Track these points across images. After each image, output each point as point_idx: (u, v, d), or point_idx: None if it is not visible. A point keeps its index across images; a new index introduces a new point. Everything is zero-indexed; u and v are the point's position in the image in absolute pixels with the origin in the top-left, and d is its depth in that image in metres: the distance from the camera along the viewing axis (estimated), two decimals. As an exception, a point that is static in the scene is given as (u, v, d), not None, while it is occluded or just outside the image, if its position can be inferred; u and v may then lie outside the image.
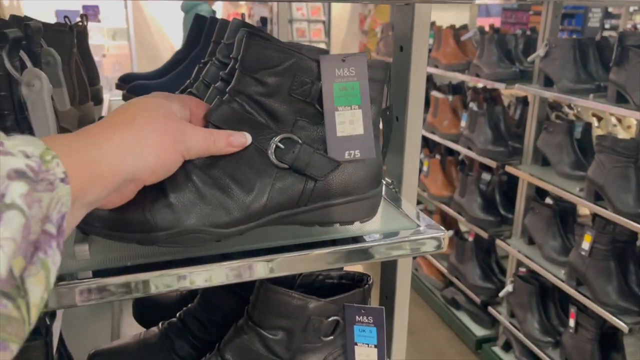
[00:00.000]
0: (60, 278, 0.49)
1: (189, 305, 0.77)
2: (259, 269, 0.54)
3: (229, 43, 0.73)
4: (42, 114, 0.54)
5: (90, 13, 4.31)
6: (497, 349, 2.35)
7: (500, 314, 2.30)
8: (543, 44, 2.01)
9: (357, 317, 0.65)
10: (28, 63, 0.54)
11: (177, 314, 0.77)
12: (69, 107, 0.75)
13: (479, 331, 2.49)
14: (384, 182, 0.75)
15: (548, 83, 2.03)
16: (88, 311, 0.94)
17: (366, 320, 0.65)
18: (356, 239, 0.59)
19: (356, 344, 0.67)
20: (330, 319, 0.65)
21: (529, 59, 2.11)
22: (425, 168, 2.81)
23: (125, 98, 1.10)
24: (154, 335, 0.75)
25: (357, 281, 0.70)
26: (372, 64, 0.55)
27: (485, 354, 2.39)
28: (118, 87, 1.19)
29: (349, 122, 0.55)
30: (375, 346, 0.66)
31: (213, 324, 0.74)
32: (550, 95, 1.97)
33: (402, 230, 0.61)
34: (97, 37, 4.18)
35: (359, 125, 0.56)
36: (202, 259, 0.53)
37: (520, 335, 2.15)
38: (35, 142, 0.35)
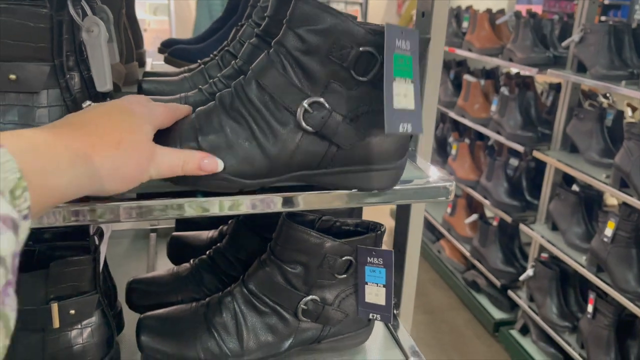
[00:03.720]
0: (108, 197, 0.56)
1: (218, 244, 0.85)
2: (279, 202, 0.58)
3: (264, 5, 0.79)
4: (99, 58, 0.61)
5: (135, -12, 4.42)
6: (514, 332, 2.38)
7: (520, 298, 2.33)
8: (578, 29, 2.00)
9: (368, 258, 0.72)
10: (88, 12, 0.61)
11: (207, 252, 0.84)
12: (118, 60, 0.82)
13: (498, 314, 2.52)
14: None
15: (581, 69, 2.03)
16: (126, 250, 1.03)
17: (376, 262, 0.72)
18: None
19: (366, 283, 0.73)
20: (343, 259, 0.71)
21: (564, 44, 2.10)
22: (453, 152, 2.83)
23: (167, 61, 1.17)
24: (186, 269, 0.83)
25: (371, 229, 0.76)
26: None
27: (502, 337, 2.42)
28: (160, 51, 1.27)
29: (403, 95, 0.55)
30: (384, 286, 0.72)
31: (239, 262, 0.81)
32: (581, 80, 1.97)
33: (416, 178, 0.67)
34: (139, 11, 4.30)
35: (411, 99, 0.55)
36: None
37: (538, 319, 2.18)
38: (10, 168, 0.33)
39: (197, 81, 0.79)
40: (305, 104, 0.55)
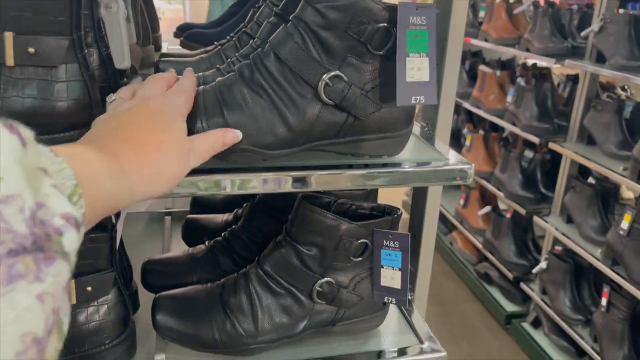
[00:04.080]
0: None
1: (233, 227, 0.85)
2: (290, 182, 0.59)
3: (282, -14, 0.78)
4: (118, 34, 0.61)
5: (149, -23, 4.44)
6: (526, 325, 2.36)
7: (532, 290, 2.31)
8: (598, 18, 1.97)
9: (384, 241, 0.71)
10: (107, -12, 0.61)
11: (222, 234, 0.84)
12: (135, 41, 0.82)
13: (510, 307, 2.51)
14: (420, 125, 0.80)
15: (600, 60, 2.00)
16: (141, 233, 1.04)
17: (392, 245, 0.71)
18: (389, 166, 0.64)
19: (382, 267, 0.73)
20: (359, 241, 0.71)
21: (583, 34, 2.07)
22: (467, 143, 2.81)
23: (183, 45, 1.17)
24: (201, 250, 0.83)
25: (387, 213, 0.75)
26: None
27: (514, 329, 2.41)
28: (176, 35, 1.26)
29: (417, 68, 0.59)
30: (400, 269, 0.72)
31: (254, 244, 0.81)
32: (600, 71, 1.94)
33: (434, 161, 0.66)
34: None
35: (426, 72, 0.59)
36: (240, 169, 0.59)
37: (550, 312, 2.16)
38: (67, 175, 0.33)
39: (214, 61, 0.79)
40: (326, 78, 0.57)
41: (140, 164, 0.44)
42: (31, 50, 0.50)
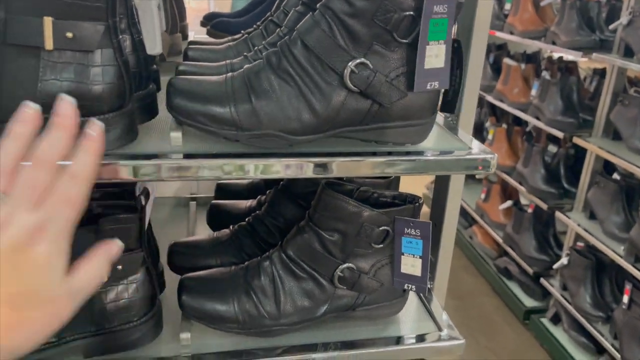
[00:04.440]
0: (153, 155, 0.58)
1: (257, 212, 0.86)
2: (312, 168, 0.60)
3: (309, -25, 0.79)
4: (150, 21, 0.63)
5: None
6: (545, 321, 2.35)
7: (552, 286, 2.29)
8: (627, 11, 1.93)
9: (405, 229, 0.72)
10: (140, -24, 0.63)
11: (246, 219, 0.86)
12: (165, 28, 0.84)
13: (529, 302, 2.49)
14: (444, 115, 0.80)
15: (628, 54, 1.96)
16: (167, 217, 1.06)
17: (414, 233, 0.72)
18: (411, 154, 0.65)
19: (403, 254, 0.73)
20: (381, 228, 0.72)
21: (611, 27, 2.03)
22: (490, 136, 2.79)
23: (210, 34, 1.19)
24: (225, 234, 0.85)
25: (409, 201, 0.76)
26: None
27: (533, 325, 2.40)
28: (202, 24, 1.28)
29: (435, 55, 0.60)
30: (420, 257, 0.73)
31: (277, 229, 0.83)
32: (628, 65, 1.90)
33: (457, 150, 0.67)
34: (179, -9, 4.37)
35: (442, 59, 0.60)
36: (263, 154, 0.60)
37: (570, 308, 2.14)
38: None
39: (241, 49, 0.81)
40: (351, 65, 0.58)
41: None
42: (69, 34, 0.52)
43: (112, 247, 0.50)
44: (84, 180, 0.46)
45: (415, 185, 3.41)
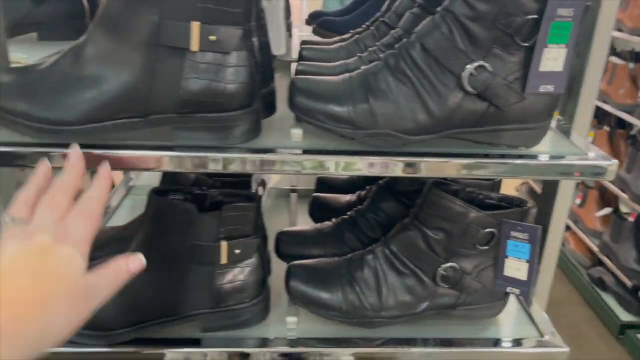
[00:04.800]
0: (270, 150, 0.62)
1: (359, 207, 0.89)
2: (401, 167, 0.61)
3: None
4: (278, 23, 0.67)
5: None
6: (642, 337, 2.21)
7: (653, 301, 2.15)
8: None
9: (512, 232, 0.72)
10: (268, -18, 0.67)
11: (348, 213, 0.90)
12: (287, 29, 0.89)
13: (625, 316, 2.35)
14: (557, 118, 0.79)
15: None
16: (269, 206, 1.12)
17: (521, 237, 0.72)
18: (522, 157, 0.65)
19: (507, 257, 0.73)
20: (486, 230, 0.72)
21: None
22: (590, 139, 2.64)
23: (315, 32, 1.23)
24: (328, 226, 0.89)
25: (516, 204, 0.76)
26: None
27: (628, 340, 2.26)
28: (308, 22, 1.33)
29: (552, 58, 0.60)
30: (527, 261, 0.72)
31: (378, 224, 0.85)
32: None
33: (569, 155, 0.66)
34: (273, -14, 4.49)
35: (560, 62, 0.60)
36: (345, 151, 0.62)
37: (673, 326, 2.00)
38: None
39: (351, 50, 0.83)
40: (470, 67, 0.59)
41: (20, 326, 0.39)
42: (212, 37, 0.57)
43: (133, 259, 0.51)
44: (99, 203, 0.52)
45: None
